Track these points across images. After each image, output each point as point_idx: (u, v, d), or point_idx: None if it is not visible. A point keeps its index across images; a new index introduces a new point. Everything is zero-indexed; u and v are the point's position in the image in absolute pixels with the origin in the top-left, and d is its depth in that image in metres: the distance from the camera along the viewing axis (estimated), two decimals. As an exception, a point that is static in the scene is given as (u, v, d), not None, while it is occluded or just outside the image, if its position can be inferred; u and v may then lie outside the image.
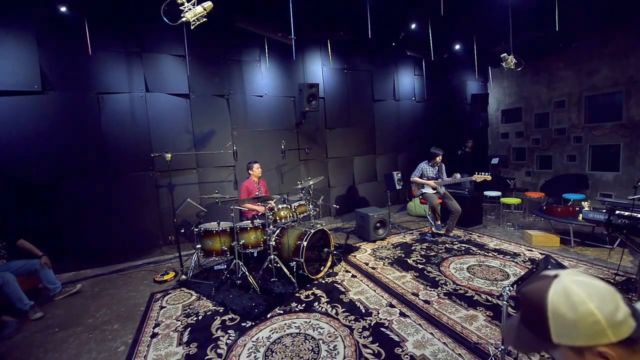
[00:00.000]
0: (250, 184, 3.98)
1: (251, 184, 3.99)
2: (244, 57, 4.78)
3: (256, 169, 4.01)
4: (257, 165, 4.03)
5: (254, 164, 4.02)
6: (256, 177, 4.04)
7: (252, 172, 4.02)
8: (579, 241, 4.07)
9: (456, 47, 6.20)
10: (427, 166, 4.62)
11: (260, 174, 4.06)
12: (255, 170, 4.01)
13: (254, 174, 4.02)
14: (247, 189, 3.92)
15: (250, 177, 4.05)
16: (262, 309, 2.80)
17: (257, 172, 4.02)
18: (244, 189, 3.94)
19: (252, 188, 3.93)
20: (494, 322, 2.44)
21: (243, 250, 3.35)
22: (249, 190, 3.92)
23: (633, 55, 5.23)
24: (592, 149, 5.93)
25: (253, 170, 4.01)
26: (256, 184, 4.03)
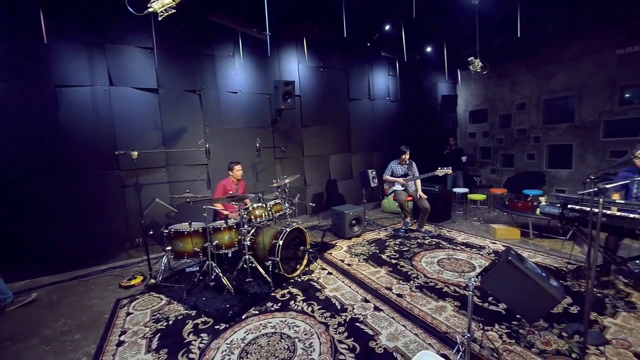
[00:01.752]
0: (228, 184, 3.89)
1: (229, 183, 3.90)
2: (217, 51, 4.63)
3: (237, 170, 3.93)
4: (238, 167, 3.95)
5: (236, 165, 3.94)
6: (236, 178, 3.96)
7: (232, 172, 3.93)
8: (537, 233, 4.39)
9: (428, 50, 6.43)
10: (396, 165, 4.84)
11: (241, 175, 3.99)
12: (236, 172, 3.93)
13: (234, 175, 3.94)
14: (224, 188, 3.82)
15: (229, 177, 3.95)
16: (237, 310, 2.75)
17: (238, 174, 3.95)
18: (220, 188, 3.84)
19: (229, 188, 3.84)
20: (461, 312, 2.57)
21: (216, 251, 3.26)
22: (226, 189, 3.82)
23: (584, 64, 5.70)
24: (549, 148, 6.41)
25: (233, 172, 3.92)
26: (234, 185, 3.94)
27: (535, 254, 3.76)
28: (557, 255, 3.67)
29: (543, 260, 3.58)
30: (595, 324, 2.33)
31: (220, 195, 3.72)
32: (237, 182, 3.99)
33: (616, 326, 2.30)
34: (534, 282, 1.62)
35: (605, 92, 5.50)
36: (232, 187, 3.88)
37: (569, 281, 3.01)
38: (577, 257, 3.45)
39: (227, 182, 3.90)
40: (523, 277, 1.64)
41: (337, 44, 5.61)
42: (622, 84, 5.31)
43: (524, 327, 2.33)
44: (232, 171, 3.93)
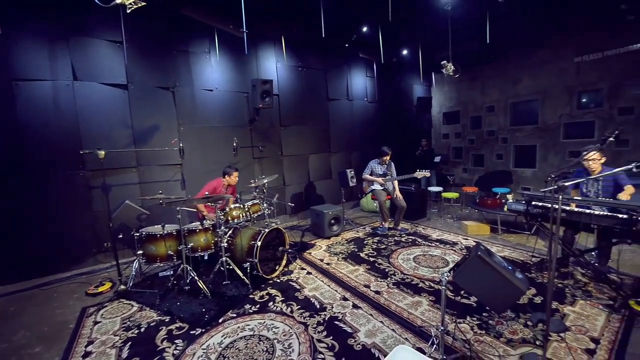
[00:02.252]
0: (219, 186, 3.78)
1: (220, 185, 3.79)
2: (192, 47, 4.48)
3: (234, 176, 3.84)
4: (236, 174, 3.86)
5: (234, 171, 3.84)
6: (228, 184, 3.86)
7: (228, 177, 3.82)
8: (505, 229, 4.65)
9: (404, 52, 6.60)
10: (376, 164, 4.90)
11: (234, 182, 3.89)
12: (233, 178, 3.83)
13: (229, 181, 3.83)
14: (214, 189, 3.70)
15: (222, 180, 3.84)
16: (214, 314, 2.68)
17: (233, 180, 3.85)
18: (208, 186, 3.71)
19: (219, 190, 3.73)
20: (436, 306, 2.66)
21: (192, 253, 3.16)
22: (216, 191, 3.71)
23: (547, 70, 6.10)
24: (516, 149, 6.80)
25: (230, 177, 3.82)
26: (224, 188, 3.83)
27: (503, 249, 3.98)
28: (523, 249, 3.91)
29: (510, 254, 3.80)
30: (557, 312, 2.50)
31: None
32: (227, 187, 3.88)
33: (575, 314, 2.48)
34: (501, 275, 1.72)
35: (564, 97, 5.93)
36: (221, 191, 3.77)
37: (533, 273, 3.21)
38: (540, 250, 3.69)
39: (218, 183, 3.80)
40: (491, 270, 1.73)
41: (316, 43, 5.62)
42: (579, 89, 5.74)
43: (493, 318, 2.46)
44: (228, 176, 3.81)
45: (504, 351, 2.09)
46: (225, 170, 3.84)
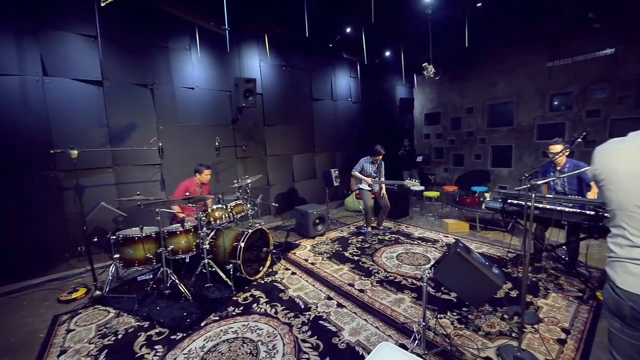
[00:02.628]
0: (192, 185, 3.67)
1: (192, 185, 3.68)
2: (171, 44, 4.35)
3: (206, 174, 3.72)
4: (208, 172, 3.74)
5: (206, 169, 3.72)
6: (201, 182, 3.75)
7: (199, 176, 3.71)
8: (483, 226, 4.82)
9: (387, 54, 6.71)
10: (368, 163, 4.75)
11: (208, 180, 3.79)
12: (204, 176, 3.72)
13: (201, 179, 3.72)
14: (187, 189, 3.60)
15: (192, 179, 3.73)
16: (195, 317, 2.62)
17: (205, 178, 3.74)
18: (182, 188, 3.60)
19: (192, 190, 3.63)
20: (418, 303, 2.72)
21: (172, 256, 3.07)
22: (188, 191, 3.60)
23: (521, 73, 6.38)
24: (493, 149, 7.06)
25: (202, 175, 3.70)
26: (198, 187, 3.73)
27: (482, 245, 4.12)
28: (500, 245, 4.06)
29: (488, 250, 3.94)
30: (531, 305, 2.62)
31: (180, 196, 3.51)
32: (202, 186, 3.79)
33: (547, 306, 2.61)
34: (479, 270, 1.78)
35: (537, 100, 6.22)
36: (195, 190, 3.67)
37: (509, 268, 3.34)
38: (515, 246, 3.85)
39: (190, 183, 3.70)
40: (469, 266, 1.79)
41: (300, 43, 5.61)
42: (551, 92, 6.04)
43: (472, 312, 2.54)
44: (199, 174, 3.71)
45: (482, 344, 2.16)
46: (197, 168, 3.74)
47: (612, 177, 1.14)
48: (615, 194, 1.14)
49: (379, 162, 4.75)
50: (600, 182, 1.19)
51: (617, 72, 5.21)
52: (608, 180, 1.16)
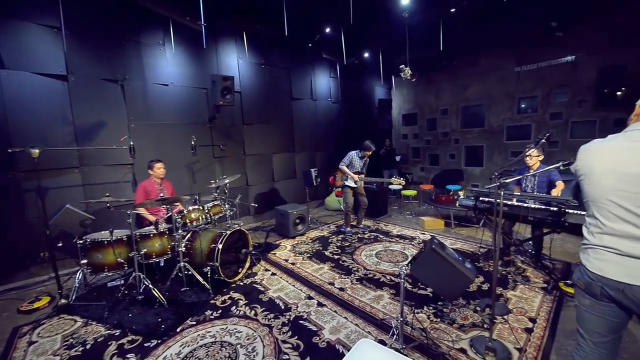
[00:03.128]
0: (150, 185, 3.52)
1: (151, 185, 3.53)
2: (144, 38, 4.16)
3: (157, 169, 3.55)
4: (159, 165, 3.57)
5: (156, 163, 3.56)
6: (158, 178, 3.60)
7: (152, 172, 3.56)
8: (457, 223, 5.01)
9: (366, 55, 6.80)
10: (357, 157, 4.68)
11: (163, 174, 3.62)
12: (157, 171, 3.55)
13: (155, 175, 3.56)
14: (145, 190, 3.45)
15: (150, 178, 3.58)
16: (171, 323, 2.53)
17: (159, 173, 3.57)
18: (140, 191, 3.45)
19: (151, 189, 3.48)
20: (396, 299, 2.79)
21: (145, 260, 2.94)
22: (147, 192, 3.46)
23: (492, 77, 6.70)
24: (466, 149, 7.37)
25: (154, 170, 3.55)
26: (158, 185, 3.58)
27: (456, 241, 4.29)
28: (473, 241, 4.25)
29: (461, 246, 4.11)
30: (501, 297, 2.76)
31: (142, 199, 3.36)
32: (161, 183, 3.64)
33: (516, 297, 2.76)
34: (453, 265, 1.85)
35: (506, 102, 6.56)
36: (155, 189, 3.52)
37: (481, 263, 3.50)
38: (487, 241, 4.04)
39: (148, 183, 3.54)
40: (444, 262, 1.86)
41: (279, 42, 5.55)
42: (519, 96, 6.39)
43: (447, 306, 2.64)
44: (152, 170, 3.56)
45: (456, 336, 2.25)
46: (148, 165, 3.59)
47: (590, 172, 1.29)
48: (591, 188, 1.29)
49: (366, 158, 4.74)
50: (580, 177, 1.35)
51: (576, 78, 5.61)
52: (586, 175, 1.31)
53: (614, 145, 1.26)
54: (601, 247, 1.24)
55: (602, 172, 1.24)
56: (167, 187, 3.70)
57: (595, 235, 1.27)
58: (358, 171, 4.73)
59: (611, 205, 1.21)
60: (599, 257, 1.25)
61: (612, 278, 1.20)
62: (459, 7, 4.90)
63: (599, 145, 1.31)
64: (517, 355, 2.04)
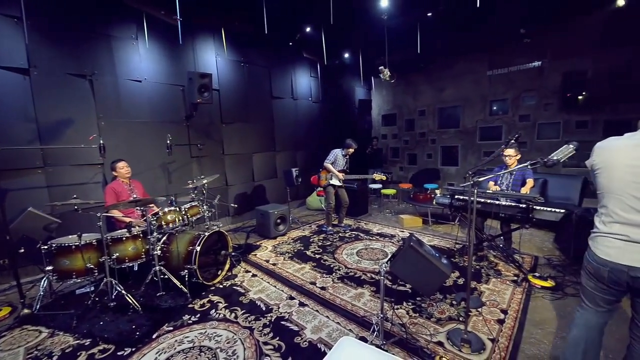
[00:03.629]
0: (119, 187, 3.35)
1: (119, 186, 3.36)
2: (115, 31, 3.96)
3: (121, 168, 3.39)
4: (122, 164, 3.41)
5: (118, 162, 3.41)
6: (125, 178, 3.44)
7: (116, 173, 3.40)
8: (434, 220, 5.18)
9: (346, 56, 6.86)
10: (341, 155, 4.75)
11: (128, 174, 3.46)
12: (120, 171, 3.39)
13: (120, 175, 3.41)
14: (115, 192, 3.28)
15: (117, 179, 3.41)
16: (146, 329, 2.42)
17: (123, 173, 3.41)
18: (109, 192, 3.27)
19: (120, 190, 3.32)
20: (377, 296, 2.84)
21: (118, 265, 2.80)
22: (117, 193, 3.29)
23: (466, 80, 6.98)
24: (442, 149, 7.63)
25: (117, 171, 3.39)
26: (127, 186, 3.42)
27: (433, 238, 4.43)
28: (449, 237, 4.40)
29: (438, 242, 4.25)
30: (475, 290, 2.88)
31: (112, 201, 3.19)
32: (130, 183, 3.49)
33: (489, 290, 2.89)
34: (430, 262, 1.91)
35: (480, 104, 6.85)
36: (125, 190, 3.36)
37: (457, 258, 3.64)
38: (462, 238, 4.20)
39: (116, 184, 3.37)
40: (422, 259, 1.91)
41: (259, 39, 5.48)
42: (491, 98, 6.70)
43: (425, 301, 2.72)
44: (115, 171, 3.40)
45: (434, 330, 2.32)
46: (110, 166, 3.44)
47: (608, 167, 1.43)
48: (608, 181, 1.43)
49: (349, 156, 4.81)
50: (596, 171, 1.50)
51: (542, 83, 5.96)
52: (604, 169, 1.45)
53: (632, 143, 1.39)
54: (611, 234, 1.40)
55: (621, 166, 1.38)
56: (138, 188, 3.55)
57: (607, 224, 1.42)
58: (342, 169, 4.79)
59: (627, 196, 1.35)
60: (608, 245, 1.41)
61: (618, 262, 1.37)
62: (435, 12, 5.06)
63: (617, 143, 1.44)
64: (491, 346, 2.13)
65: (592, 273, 1.50)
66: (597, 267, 1.45)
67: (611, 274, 1.40)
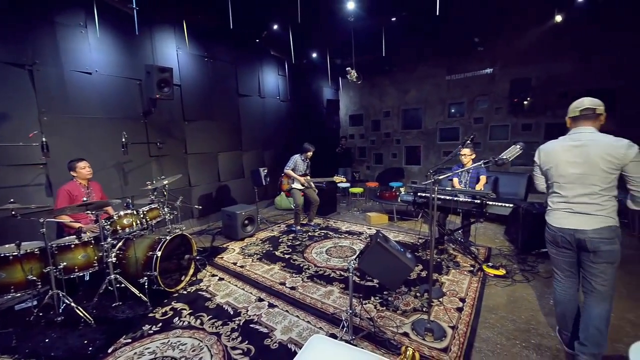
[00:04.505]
0: (75, 189, 3.04)
1: (75, 188, 3.05)
2: (60, 18, 3.57)
3: (81, 168, 3.08)
4: (83, 164, 3.10)
5: (78, 162, 3.09)
6: (83, 180, 3.14)
7: (75, 173, 3.08)
8: (399, 217, 5.40)
9: (314, 55, 6.88)
10: (301, 160, 4.82)
11: (89, 174, 3.15)
12: (81, 171, 3.08)
13: (80, 176, 3.09)
14: (69, 194, 2.98)
15: (74, 180, 3.10)
16: (100, 343, 2.24)
17: (84, 173, 3.10)
18: (63, 195, 2.96)
19: (77, 193, 3.02)
20: (346, 292, 2.89)
21: (65, 275, 2.55)
22: (73, 196, 2.99)
23: (427, 83, 7.36)
24: (406, 149, 7.98)
25: (77, 171, 3.07)
26: (84, 188, 3.12)
27: (398, 234, 4.62)
28: (413, 233, 4.62)
29: (403, 238, 4.44)
30: (437, 282, 3.06)
31: (66, 204, 2.89)
32: (88, 185, 3.20)
33: (449, 281, 3.08)
34: (395, 256, 1.99)
35: (439, 107, 7.27)
36: (81, 193, 3.06)
37: (420, 252, 3.83)
38: (424, 232, 4.43)
39: (72, 186, 3.05)
40: (388, 254, 1.99)
41: (224, 34, 5.29)
42: (449, 101, 7.14)
43: (391, 295, 2.83)
44: (74, 171, 3.08)
45: (400, 322, 2.43)
46: (69, 165, 3.11)
47: (556, 164, 1.89)
48: (556, 173, 1.90)
49: (309, 159, 4.90)
50: (548, 167, 1.95)
51: (494, 88, 6.49)
52: (554, 166, 1.91)
53: (567, 144, 1.86)
54: (560, 209, 1.90)
55: (563, 163, 1.86)
56: (96, 190, 3.25)
57: (556, 203, 1.93)
58: (303, 173, 4.85)
59: (568, 183, 1.85)
60: (559, 216, 1.90)
61: (566, 227, 1.86)
62: (399, 17, 5.27)
63: (556, 146, 1.92)
64: (451, 332, 2.28)
65: (552, 240, 1.98)
66: (554, 234, 1.94)
67: (563, 237, 1.88)
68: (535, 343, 2.16)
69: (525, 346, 2.13)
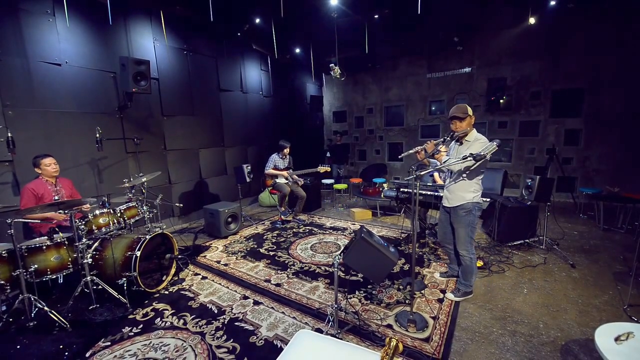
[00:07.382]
0: (40, 187, 2.86)
1: (41, 186, 2.87)
2: (24, 4, 3.33)
3: (46, 165, 2.89)
4: (48, 161, 2.90)
5: (43, 158, 2.90)
6: (50, 177, 2.95)
7: (40, 170, 2.89)
8: (383, 212, 5.50)
9: (297, 51, 6.82)
10: (279, 158, 4.96)
11: (55, 171, 2.96)
12: (46, 168, 2.89)
13: (46, 173, 2.91)
14: (34, 193, 2.80)
15: (40, 178, 2.92)
16: (77, 348, 2.15)
17: (50, 171, 2.91)
18: (27, 194, 2.77)
19: (43, 192, 2.84)
20: (331, 287, 2.92)
21: (37, 278, 2.42)
22: (39, 195, 2.81)
23: (409, 81, 7.49)
24: (389, 145, 8.11)
25: (42, 168, 2.88)
26: (52, 186, 2.95)
27: (382, 229, 4.71)
28: (396, 227, 4.73)
29: (386, 232, 4.53)
30: (419, 274, 3.15)
31: (31, 204, 2.72)
32: (56, 182, 3.01)
33: (430, 273, 3.18)
34: (379, 251, 2.03)
35: (421, 105, 7.43)
36: (48, 191, 2.89)
37: (403, 246, 3.93)
38: (407, 227, 4.55)
39: (37, 185, 2.86)
40: (372, 249, 2.02)
41: (204, 27, 5.13)
42: (430, 99, 7.30)
43: (375, 288, 2.89)
44: (39, 168, 2.89)
45: (384, 314, 2.49)
46: (33, 162, 2.92)
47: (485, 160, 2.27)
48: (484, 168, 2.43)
49: (287, 155, 5.02)
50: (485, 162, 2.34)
51: (472, 86, 6.70)
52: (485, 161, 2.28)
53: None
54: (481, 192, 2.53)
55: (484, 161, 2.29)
56: (66, 188, 3.08)
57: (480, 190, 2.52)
58: (285, 168, 4.99)
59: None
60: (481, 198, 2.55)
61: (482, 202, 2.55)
62: (381, 15, 5.31)
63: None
64: (432, 323, 2.37)
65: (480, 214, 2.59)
66: (480, 208, 2.57)
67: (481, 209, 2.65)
68: (511, 330, 2.28)
69: (502, 333, 2.25)
